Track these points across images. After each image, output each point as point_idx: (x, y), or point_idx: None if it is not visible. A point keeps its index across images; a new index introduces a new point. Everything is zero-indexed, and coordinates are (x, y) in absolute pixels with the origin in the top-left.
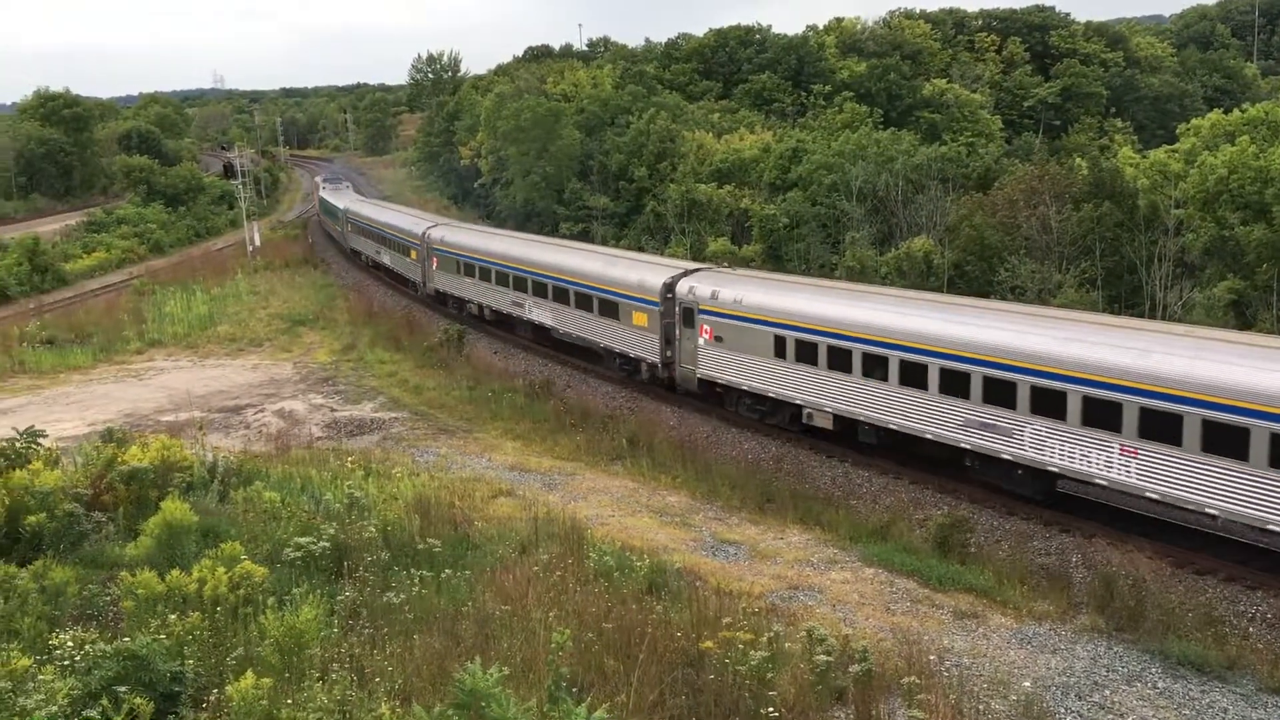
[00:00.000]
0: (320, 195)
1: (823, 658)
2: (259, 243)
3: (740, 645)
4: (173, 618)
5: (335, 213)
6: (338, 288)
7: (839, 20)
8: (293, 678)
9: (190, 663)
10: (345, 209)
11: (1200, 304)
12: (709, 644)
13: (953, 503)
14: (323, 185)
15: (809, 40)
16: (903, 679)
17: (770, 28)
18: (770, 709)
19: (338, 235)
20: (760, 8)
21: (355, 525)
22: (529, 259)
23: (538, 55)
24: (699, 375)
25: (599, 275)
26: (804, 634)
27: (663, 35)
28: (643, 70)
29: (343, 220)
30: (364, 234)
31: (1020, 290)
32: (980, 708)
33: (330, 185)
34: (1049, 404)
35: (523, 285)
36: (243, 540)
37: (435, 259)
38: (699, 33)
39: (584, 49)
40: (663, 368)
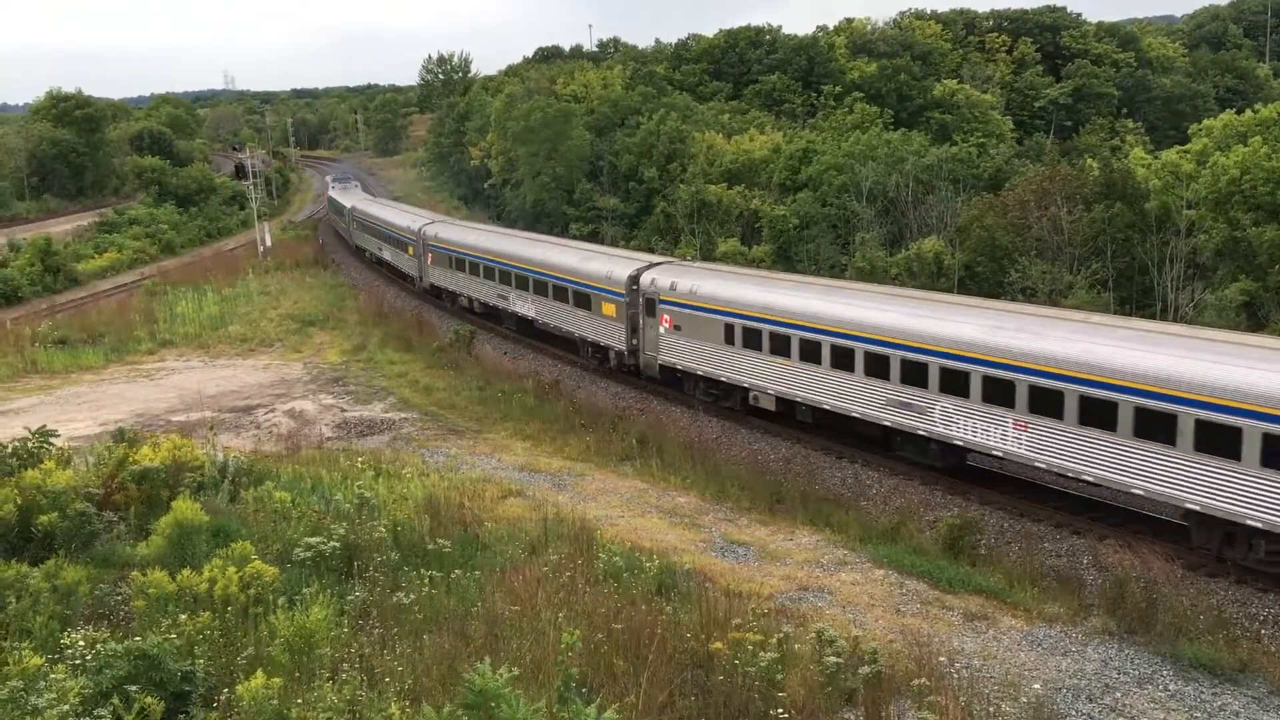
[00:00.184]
0: (329, 194)
1: (832, 659)
2: (270, 243)
3: (750, 646)
4: (183, 617)
5: (342, 211)
6: (348, 288)
7: (849, 21)
8: (303, 677)
9: (201, 662)
10: (351, 207)
11: (1212, 305)
12: (718, 645)
13: (963, 504)
14: (331, 184)
15: (819, 41)
16: (913, 681)
17: (780, 28)
18: (780, 710)
19: (344, 233)
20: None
21: (365, 525)
22: (512, 254)
23: (548, 56)
24: (660, 361)
25: (573, 269)
26: (813, 635)
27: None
28: (653, 71)
29: (348, 218)
30: (368, 231)
31: (1031, 291)
32: (991, 710)
33: (339, 184)
34: (955, 384)
35: (507, 279)
36: (253, 540)
37: (430, 255)
38: (709, 33)
39: (594, 50)
40: (629, 355)
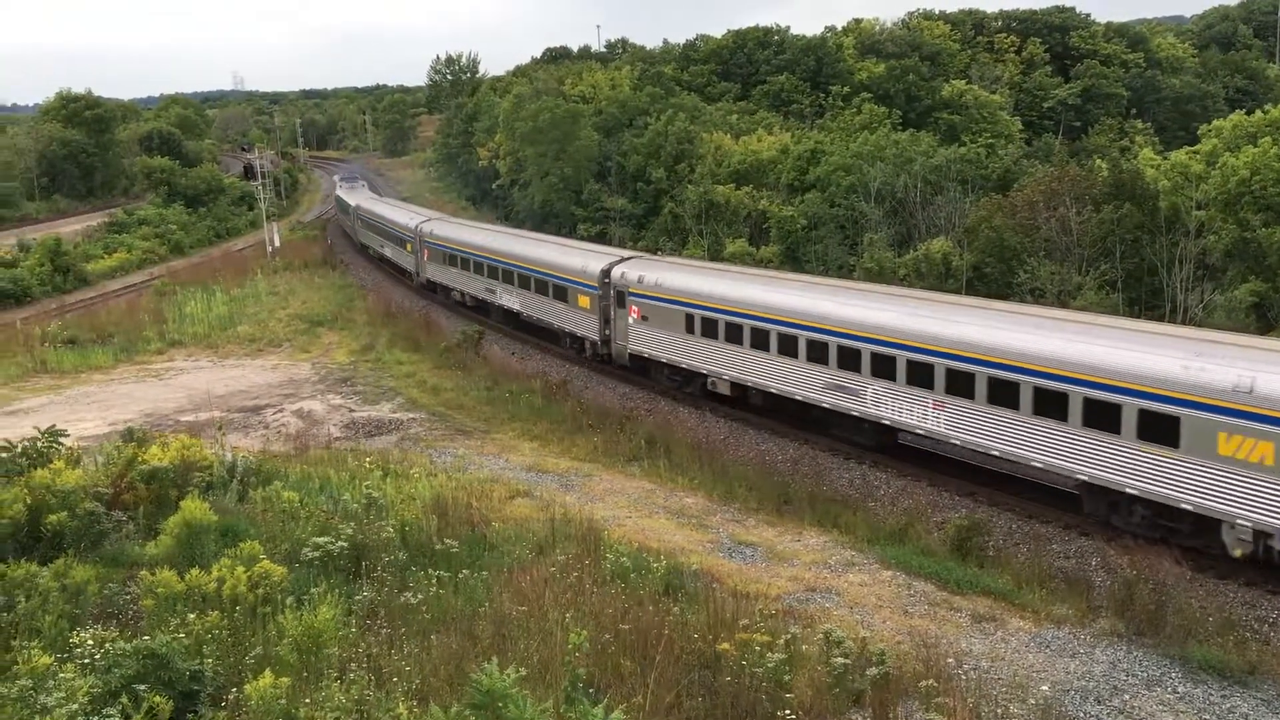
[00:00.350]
0: (337, 194)
1: (840, 660)
2: (278, 243)
3: (757, 647)
4: (192, 616)
5: (348, 210)
6: (356, 288)
7: (858, 21)
8: (310, 677)
9: (209, 661)
10: (356, 206)
11: (1221, 306)
12: (726, 646)
13: (971, 505)
14: (339, 184)
15: (827, 41)
16: (920, 682)
17: (789, 29)
18: (787, 711)
19: (350, 231)
20: (779, 9)
21: (373, 525)
22: (498, 250)
23: (556, 56)
24: (629, 350)
25: (552, 264)
26: (821, 636)
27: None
28: (661, 71)
29: (353, 216)
30: (370, 229)
31: (1040, 292)
32: (999, 712)
33: (346, 184)
34: (884, 368)
35: (494, 274)
36: (261, 540)
37: (426, 251)
38: (717, 34)
39: (602, 50)
40: (602, 344)
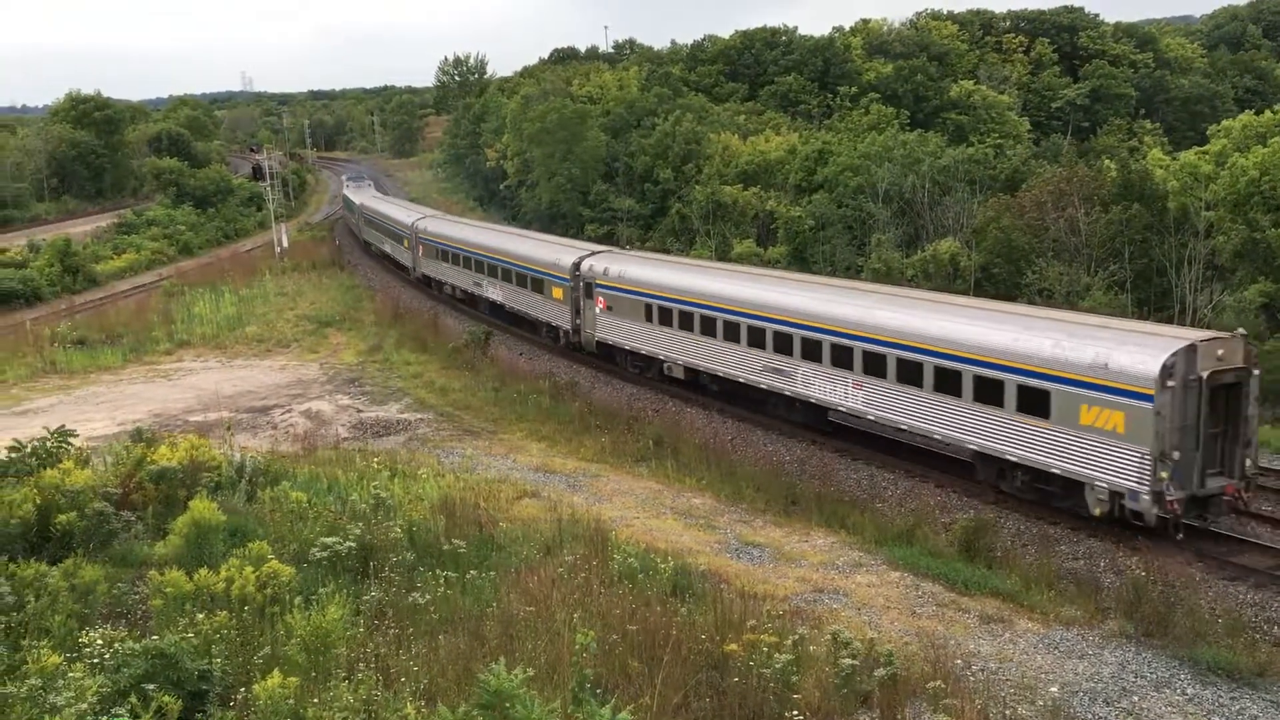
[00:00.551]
0: (344, 193)
1: (847, 661)
2: (287, 244)
3: (764, 648)
4: (200, 616)
5: (352, 208)
6: (364, 289)
7: (865, 22)
8: (319, 677)
9: (218, 661)
10: (360, 204)
11: (1230, 307)
12: (733, 647)
13: (978, 506)
14: (346, 183)
15: (835, 42)
16: (928, 683)
17: (796, 29)
18: (795, 712)
19: (354, 228)
20: (786, 9)
21: (381, 526)
22: (484, 244)
23: (563, 57)
24: (597, 338)
25: (530, 257)
26: (829, 637)
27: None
28: (668, 72)
29: (358, 214)
30: (373, 226)
31: (1048, 293)
32: (1007, 713)
33: (353, 183)
34: (812, 351)
35: (480, 268)
36: (270, 540)
37: (421, 247)
38: (725, 34)
39: (610, 51)
40: (573, 333)
